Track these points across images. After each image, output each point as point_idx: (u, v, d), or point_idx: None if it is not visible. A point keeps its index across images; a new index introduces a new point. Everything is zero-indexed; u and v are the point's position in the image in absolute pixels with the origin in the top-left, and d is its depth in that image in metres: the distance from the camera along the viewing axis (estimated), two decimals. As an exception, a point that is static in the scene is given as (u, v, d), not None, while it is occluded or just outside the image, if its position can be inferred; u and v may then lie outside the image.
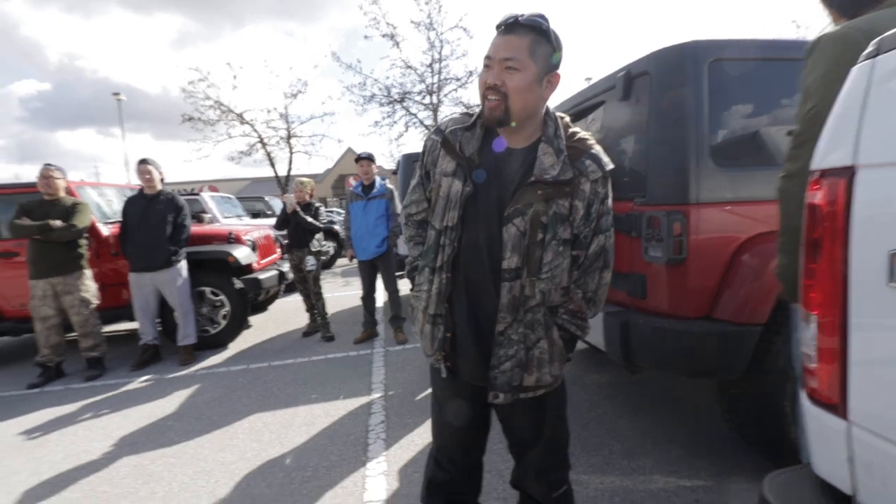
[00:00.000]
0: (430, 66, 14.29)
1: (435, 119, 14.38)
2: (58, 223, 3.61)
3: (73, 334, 3.86)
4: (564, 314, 1.17)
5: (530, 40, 1.06)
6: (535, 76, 1.07)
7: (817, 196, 0.79)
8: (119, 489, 2.22)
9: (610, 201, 1.16)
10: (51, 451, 2.65)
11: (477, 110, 1.20)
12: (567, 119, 1.19)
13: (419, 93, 14.67)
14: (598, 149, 1.14)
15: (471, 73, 14.68)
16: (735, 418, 1.94)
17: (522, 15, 1.07)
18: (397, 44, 14.13)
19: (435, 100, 14.51)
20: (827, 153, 0.80)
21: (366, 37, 14.67)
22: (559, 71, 1.12)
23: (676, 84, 1.89)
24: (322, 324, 4.46)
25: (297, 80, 15.77)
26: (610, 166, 1.15)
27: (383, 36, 14.14)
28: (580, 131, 1.17)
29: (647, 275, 1.92)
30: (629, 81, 2.12)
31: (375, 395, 3.07)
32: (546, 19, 1.07)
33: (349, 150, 29.99)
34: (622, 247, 2.11)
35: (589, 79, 23.98)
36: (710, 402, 2.60)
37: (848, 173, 0.75)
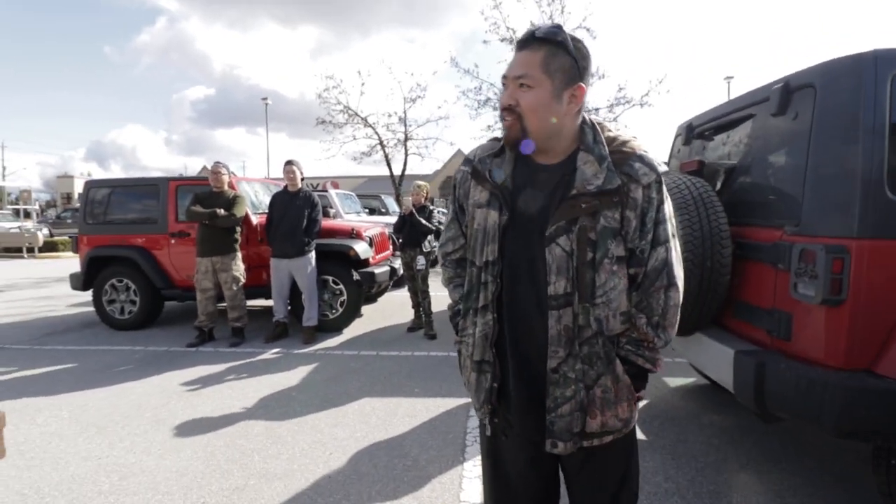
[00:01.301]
0: (550, 69, 14.06)
1: None
2: (222, 212, 4.30)
3: (223, 304, 4.55)
4: (628, 344, 1.02)
5: (544, 54, 0.97)
6: (552, 92, 0.98)
7: None
8: (252, 444, 2.58)
9: (667, 208, 1.02)
10: (203, 401, 3.17)
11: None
12: (607, 125, 1.08)
13: (535, 97, 14.52)
14: (645, 150, 1.02)
15: (592, 76, 14.09)
16: (894, 494, 1.64)
17: (538, 28, 0.99)
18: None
19: (551, 105, 14.25)
20: None
21: (484, 41, 14.76)
22: (584, 83, 1.01)
23: (849, 100, 1.65)
24: (426, 321, 4.68)
25: (417, 86, 16.49)
26: (663, 168, 1.03)
27: (502, 40, 14.24)
28: (623, 135, 1.05)
29: (794, 314, 1.71)
30: (787, 94, 1.90)
31: (474, 398, 3.14)
32: (561, 29, 0.98)
33: (458, 152, 30.78)
34: (764, 279, 1.90)
35: (730, 78, 21.34)
36: (866, 468, 2.22)
37: None
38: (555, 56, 0.98)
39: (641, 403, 1.08)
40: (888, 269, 1.56)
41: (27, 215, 22.41)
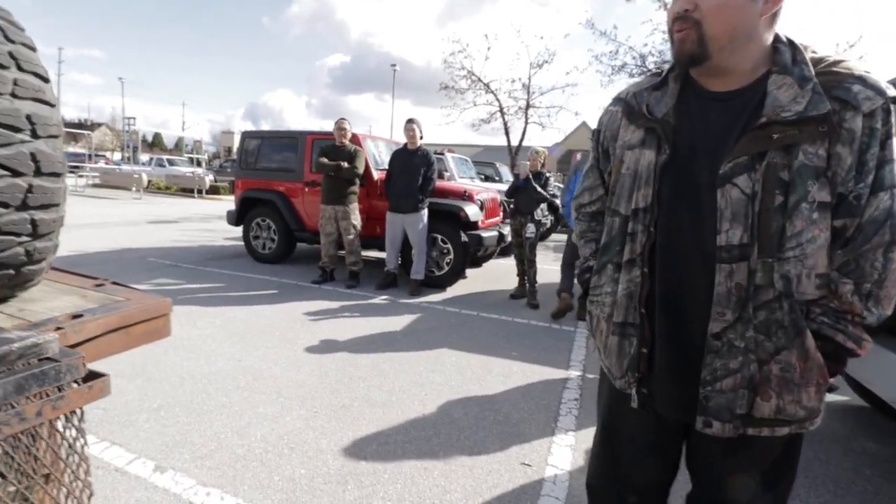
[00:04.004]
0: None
1: None
2: (345, 165, 4.64)
3: (342, 252, 4.98)
4: (823, 315, 0.81)
5: None
6: None
7: None
8: (359, 372, 2.82)
9: (895, 143, 0.78)
10: (321, 330, 3.54)
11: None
12: (806, 45, 0.85)
13: (681, 62, 12.98)
14: (867, 70, 0.79)
15: None
16: None
17: None
18: (665, 4, 12.66)
19: (701, 70, 12.66)
20: None
21: (628, 0, 13.41)
22: None
23: None
24: (530, 291, 4.61)
25: (545, 50, 15.82)
26: (892, 92, 0.77)
27: (654, -1, 12.86)
28: (834, 55, 0.82)
29: None
30: None
31: (573, 373, 3.05)
32: None
33: (583, 125, 29.12)
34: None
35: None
36: None
37: None
38: None
39: (832, 396, 0.88)
40: None
41: (198, 163, 26.68)
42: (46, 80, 1.16)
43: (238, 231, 6.63)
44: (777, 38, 0.85)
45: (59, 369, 0.77)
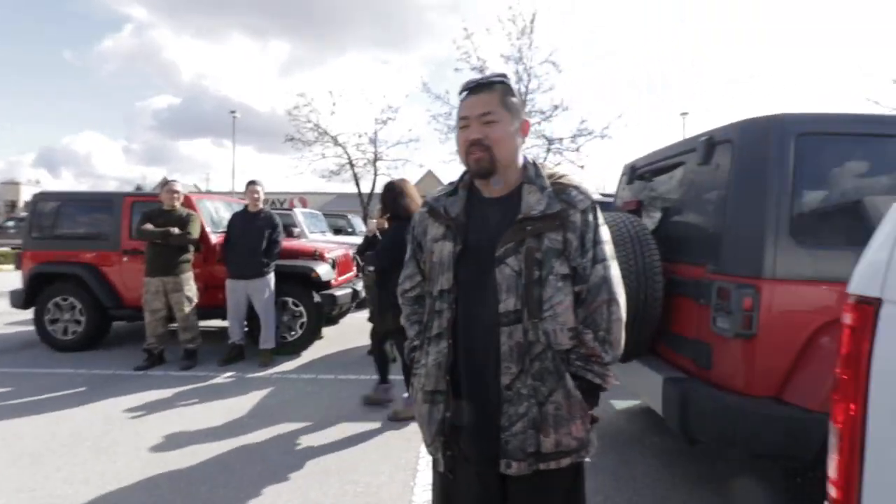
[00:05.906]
0: (516, 98, 14.68)
1: None
2: (176, 230, 4.22)
3: (174, 325, 4.42)
4: (577, 360, 1.08)
5: (500, 93, 1.12)
6: (511, 125, 1.12)
7: (848, 318, 0.84)
8: (200, 474, 2.51)
9: (604, 231, 1.12)
10: (148, 429, 3.06)
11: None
12: (546, 164, 1.23)
13: (503, 124, 15.05)
14: (580, 182, 1.16)
15: (556, 107, 14.88)
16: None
17: (487, 76, 1.16)
18: (484, 72, 14.70)
19: (517, 132, 14.83)
20: (861, 279, 0.84)
21: (456, 69, 15.31)
22: (527, 119, 1.19)
23: (759, 155, 1.87)
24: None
25: (389, 108, 16.78)
26: (596, 196, 1.16)
27: (472, 69, 14.80)
28: (560, 170, 1.19)
29: (713, 345, 1.88)
30: (711, 147, 2.12)
31: (429, 423, 3.18)
32: (505, 75, 1.17)
33: (428, 173, 31.12)
34: (689, 312, 2.08)
35: (685, 114, 23.27)
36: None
37: (876, 304, 0.79)
38: (507, 94, 1.13)
39: (596, 426, 1.13)
40: (792, 306, 1.76)
41: (-36, 224, 20.90)
42: None
43: (27, 314, 5.34)
44: (525, 159, 1.19)
45: None
